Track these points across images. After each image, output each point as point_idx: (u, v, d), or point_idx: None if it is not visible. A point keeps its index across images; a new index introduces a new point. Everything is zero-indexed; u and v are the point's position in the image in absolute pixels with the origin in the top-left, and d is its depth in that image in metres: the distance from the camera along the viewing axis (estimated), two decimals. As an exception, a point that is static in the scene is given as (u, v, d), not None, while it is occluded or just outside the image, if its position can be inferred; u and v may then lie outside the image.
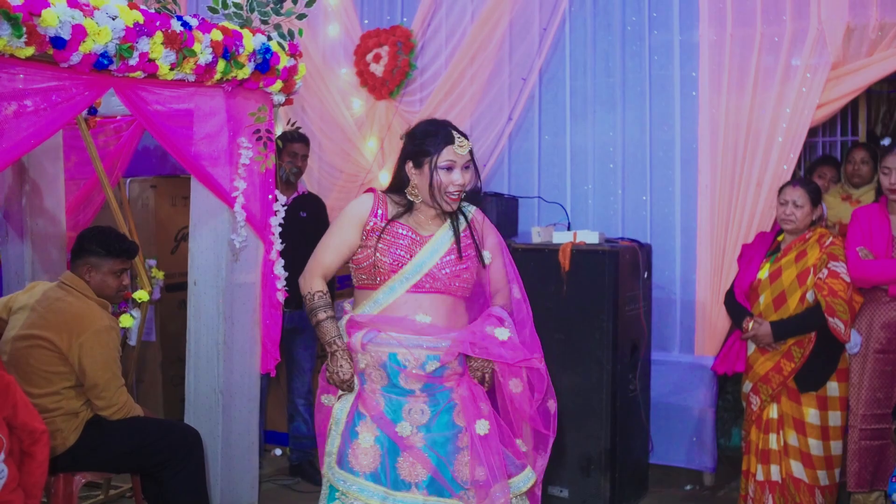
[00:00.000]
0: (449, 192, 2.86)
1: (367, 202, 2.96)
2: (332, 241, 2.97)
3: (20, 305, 3.64)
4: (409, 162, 2.92)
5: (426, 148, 2.86)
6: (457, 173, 2.86)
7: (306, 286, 2.99)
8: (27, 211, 4.39)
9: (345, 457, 2.87)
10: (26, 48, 2.82)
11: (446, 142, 2.86)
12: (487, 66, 5.64)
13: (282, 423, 5.31)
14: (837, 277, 3.96)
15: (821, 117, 4.86)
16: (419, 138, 2.90)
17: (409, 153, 2.92)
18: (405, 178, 2.94)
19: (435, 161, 2.85)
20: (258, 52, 3.76)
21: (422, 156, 2.87)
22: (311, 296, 2.96)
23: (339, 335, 2.90)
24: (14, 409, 3.01)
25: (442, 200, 2.87)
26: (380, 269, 2.87)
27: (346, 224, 2.95)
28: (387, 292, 2.87)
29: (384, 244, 2.87)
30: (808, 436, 4.06)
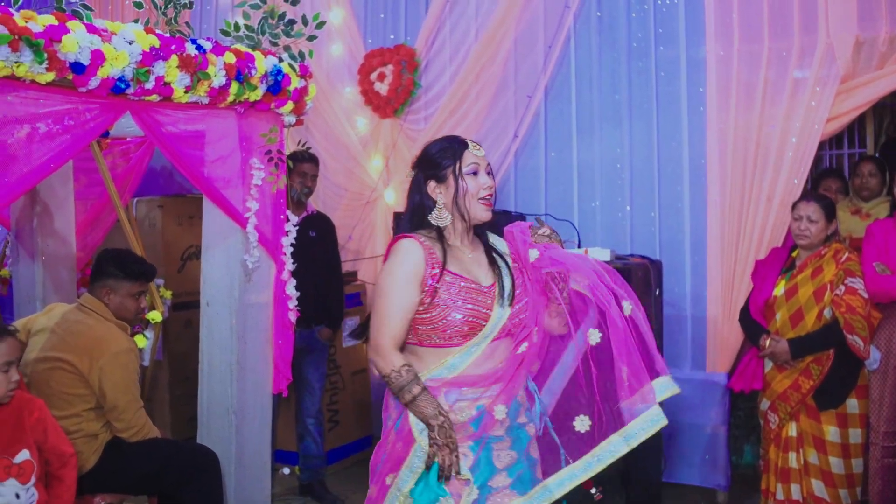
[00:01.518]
0: (481, 198, 2.69)
1: (417, 252, 2.64)
2: (395, 305, 2.62)
3: (39, 328, 3.64)
4: (430, 182, 2.74)
5: (445, 161, 2.72)
6: (483, 176, 2.71)
7: (386, 365, 2.61)
8: (38, 232, 4.39)
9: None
10: (47, 73, 2.84)
11: (462, 147, 2.73)
12: (492, 84, 5.64)
13: (291, 442, 5.29)
14: (855, 294, 3.93)
15: (831, 131, 4.84)
16: (434, 155, 2.76)
17: (428, 174, 2.75)
18: (428, 203, 2.74)
19: (459, 168, 2.70)
20: (270, 74, 3.76)
21: (443, 169, 2.72)
22: (398, 372, 2.59)
23: (439, 405, 2.58)
24: (45, 433, 3.04)
25: (475, 209, 2.70)
26: (454, 328, 2.62)
27: (404, 283, 2.62)
28: (465, 355, 2.63)
29: (451, 298, 2.62)
30: (828, 454, 4.02)
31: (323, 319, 4.98)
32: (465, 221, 2.73)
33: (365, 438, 5.86)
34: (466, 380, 2.63)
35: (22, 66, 2.74)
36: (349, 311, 5.59)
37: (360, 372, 5.83)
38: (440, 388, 2.63)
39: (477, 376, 2.63)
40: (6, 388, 2.95)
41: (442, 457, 2.55)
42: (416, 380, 2.59)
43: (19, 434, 2.99)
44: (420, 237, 2.69)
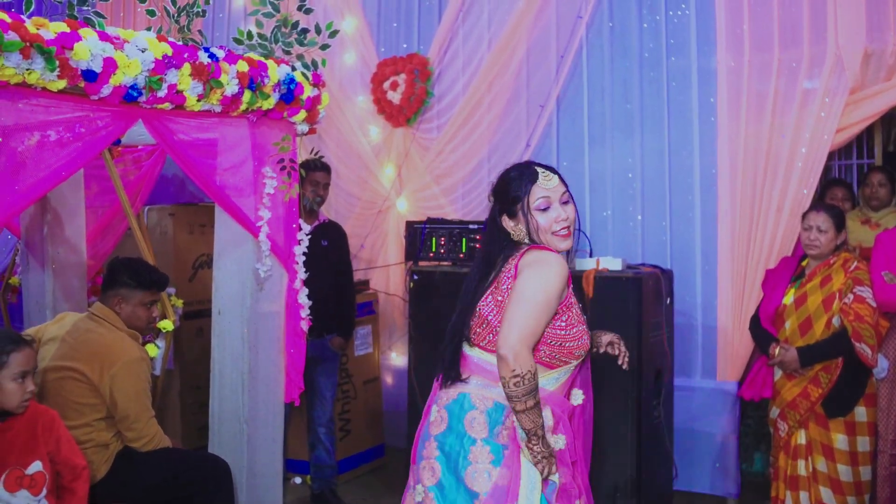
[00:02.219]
0: (555, 232, 2.59)
1: (565, 269, 2.58)
2: (541, 313, 2.52)
3: (50, 336, 3.64)
4: (503, 217, 2.65)
5: (514, 194, 2.61)
6: (557, 209, 2.59)
7: (523, 365, 2.45)
8: (48, 240, 4.40)
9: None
10: (58, 81, 2.85)
11: (532, 180, 2.60)
12: (505, 93, 5.65)
13: (302, 452, 5.28)
14: (863, 302, 3.95)
15: (840, 141, 4.86)
16: (505, 188, 2.65)
17: (500, 207, 2.66)
18: (502, 235, 2.66)
19: (527, 205, 2.59)
20: (283, 83, 3.77)
21: (512, 204, 2.61)
22: (533, 374, 2.47)
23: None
24: (58, 445, 3.03)
25: (552, 242, 2.60)
26: (566, 348, 2.59)
27: (554, 295, 2.53)
28: (565, 372, 2.63)
29: (574, 321, 2.60)
30: (837, 462, 4.04)
31: (335, 328, 4.98)
32: None
33: (377, 447, 5.85)
34: (557, 399, 2.62)
35: (33, 73, 2.75)
36: (361, 321, 5.59)
37: (372, 381, 5.82)
38: (545, 403, 2.58)
39: (563, 399, 2.65)
40: (22, 398, 2.94)
41: (543, 467, 2.51)
42: (538, 390, 2.49)
43: (32, 445, 2.98)
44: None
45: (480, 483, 2.50)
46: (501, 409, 2.56)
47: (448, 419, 2.59)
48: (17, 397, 2.92)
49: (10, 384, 2.91)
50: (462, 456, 2.54)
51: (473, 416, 2.57)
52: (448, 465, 2.56)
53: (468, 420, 2.57)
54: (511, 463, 2.52)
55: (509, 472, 2.51)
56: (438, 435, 2.60)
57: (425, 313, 4.89)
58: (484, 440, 2.54)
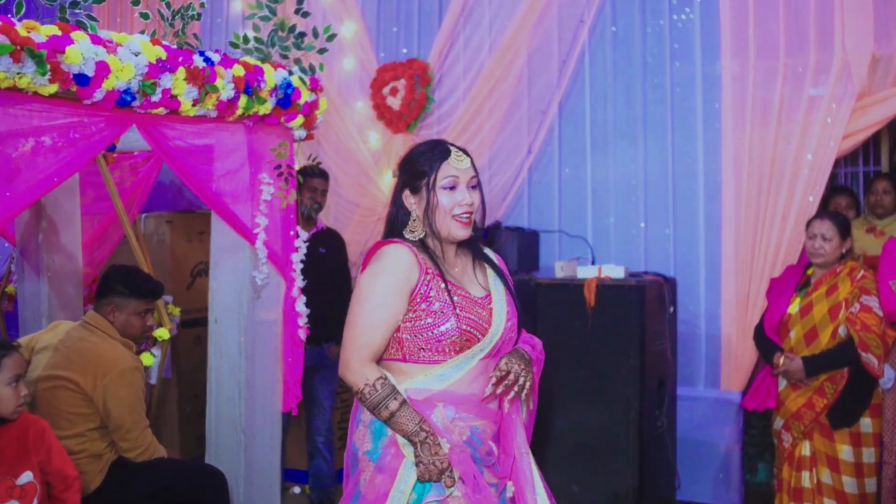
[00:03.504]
0: (456, 215, 2.44)
1: (408, 258, 2.42)
2: (378, 315, 2.40)
3: (43, 345, 3.58)
4: (405, 191, 2.49)
5: (421, 168, 2.45)
6: (461, 191, 2.45)
7: (360, 378, 2.38)
8: (44, 248, 4.34)
9: None
10: (50, 85, 2.79)
11: (442, 157, 2.44)
12: (506, 99, 5.61)
13: (300, 461, 5.22)
14: (870, 311, 3.91)
15: (846, 148, 4.82)
16: (413, 162, 2.49)
17: (405, 181, 2.50)
18: (402, 213, 2.51)
19: (433, 180, 2.43)
20: (280, 87, 3.72)
21: (418, 179, 2.46)
22: (372, 386, 2.37)
23: (423, 419, 2.37)
24: (48, 455, 3.00)
25: (450, 226, 2.45)
26: (448, 339, 2.42)
27: (391, 290, 2.40)
28: (456, 367, 2.42)
29: (445, 307, 2.41)
30: (841, 473, 3.99)
31: (333, 337, 4.92)
32: (437, 239, 2.50)
33: (375, 457, 5.78)
34: (455, 397, 2.43)
35: (24, 77, 2.69)
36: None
37: (370, 390, 5.75)
38: (434, 402, 2.42)
39: (465, 396, 2.44)
40: (16, 403, 2.92)
41: (429, 476, 2.35)
42: (395, 393, 2.38)
43: (23, 455, 2.94)
44: (407, 243, 2.48)
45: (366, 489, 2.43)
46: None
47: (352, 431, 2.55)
48: (12, 403, 2.90)
49: (6, 389, 2.89)
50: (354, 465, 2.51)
51: (360, 431, 2.49)
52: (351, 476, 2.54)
53: (358, 433, 2.50)
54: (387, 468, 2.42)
55: (385, 477, 2.41)
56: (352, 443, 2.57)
57: (425, 321, 4.83)
58: (367, 451, 2.46)
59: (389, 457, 2.42)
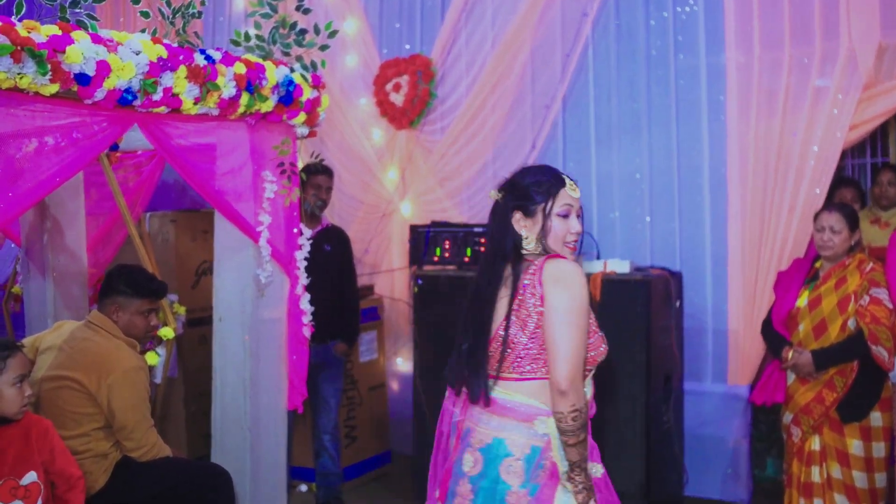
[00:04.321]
0: (567, 242, 2.59)
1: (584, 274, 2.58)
2: (584, 334, 2.49)
3: (47, 345, 3.59)
4: (516, 213, 2.60)
5: (538, 196, 2.58)
6: (574, 220, 2.60)
7: (580, 399, 2.46)
8: (48, 248, 4.34)
9: None
10: (51, 85, 2.78)
11: (559, 185, 2.59)
12: (509, 94, 5.58)
13: (307, 459, 5.22)
14: (880, 304, 3.86)
15: (853, 139, 4.77)
16: (527, 186, 2.61)
17: (517, 204, 2.60)
18: (512, 234, 2.60)
19: (550, 207, 2.57)
20: (281, 85, 3.71)
21: (534, 204, 2.58)
22: (586, 406, 2.50)
23: None
24: (52, 455, 3.00)
25: (560, 252, 2.58)
26: (597, 360, 2.59)
27: (587, 310, 2.52)
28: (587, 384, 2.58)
29: (593, 328, 2.58)
30: (852, 468, 3.95)
31: (338, 334, 4.91)
32: None
33: (383, 454, 5.79)
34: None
35: (25, 77, 2.68)
36: (366, 326, 5.53)
37: (377, 387, 5.75)
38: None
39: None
40: (20, 404, 2.92)
41: (584, 497, 2.48)
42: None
43: (27, 455, 2.94)
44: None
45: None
46: (538, 451, 2.52)
47: (483, 464, 2.55)
48: (17, 403, 2.91)
49: (10, 390, 2.89)
50: (498, 500, 2.51)
51: (510, 464, 2.53)
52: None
53: (504, 466, 2.53)
54: (543, 499, 2.49)
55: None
56: (474, 477, 2.56)
57: (430, 318, 4.84)
58: (521, 485, 2.51)
59: (546, 488, 2.50)
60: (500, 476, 2.51)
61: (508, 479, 2.51)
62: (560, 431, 2.46)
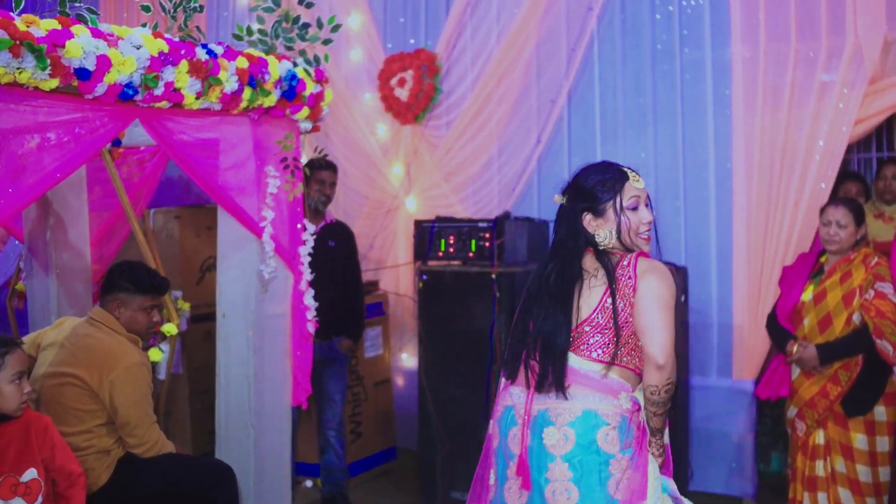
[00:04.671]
0: (641, 234, 2.63)
1: None
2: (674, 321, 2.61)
3: (49, 342, 3.57)
4: (586, 215, 2.64)
5: (604, 195, 2.62)
6: (643, 210, 2.64)
7: (674, 373, 2.60)
8: (52, 245, 4.32)
9: None
10: (50, 80, 2.77)
11: (623, 179, 2.63)
12: (515, 89, 5.56)
13: (312, 455, 5.21)
14: (885, 298, 3.85)
15: (859, 133, 4.77)
16: (592, 188, 2.64)
17: (584, 206, 2.64)
18: (585, 235, 2.65)
19: (620, 203, 2.61)
20: (284, 79, 3.70)
21: (602, 203, 2.62)
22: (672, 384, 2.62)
23: None
24: (52, 451, 2.99)
25: (636, 243, 2.64)
26: None
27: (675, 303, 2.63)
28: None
29: None
30: (856, 462, 3.96)
31: (343, 330, 4.90)
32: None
33: (388, 450, 5.78)
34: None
35: (24, 72, 2.67)
36: (371, 322, 5.52)
37: (382, 383, 5.74)
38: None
39: None
40: (19, 400, 2.91)
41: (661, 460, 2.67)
42: None
43: (27, 452, 2.93)
44: None
45: (622, 491, 2.56)
46: (626, 419, 2.60)
47: (575, 438, 2.57)
48: (16, 399, 2.90)
49: (9, 387, 2.88)
50: (602, 470, 2.56)
51: (606, 433, 2.57)
52: (586, 483, 2.56)
53: (601, 436, 2.57)
54: (639, 465, 2.59)
55: (639, 474, 2.58)
56: (566, 455, 2.57)
57: (435, 314, 4.82)
58: (621, 451, 2.57)
59: (639, 455, 2.59)
60: (600, 447, 2.56)
61: (607, 447, 2.56)
62: (650, 403, 2.59)
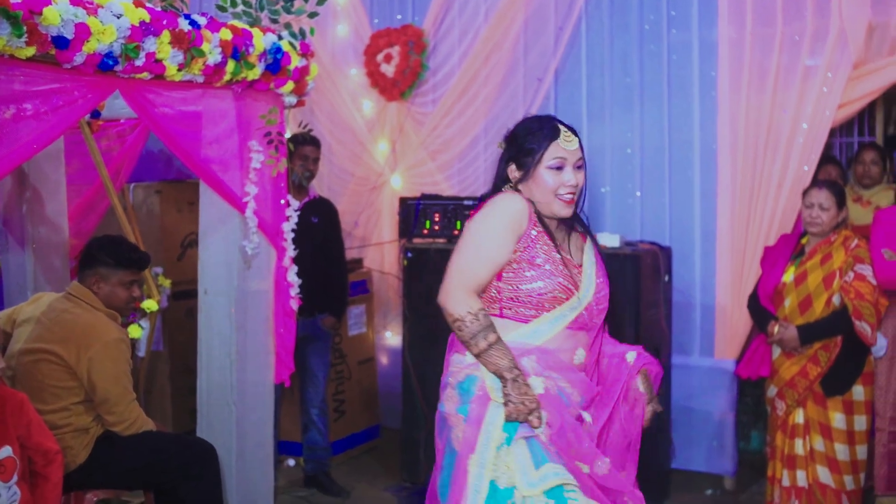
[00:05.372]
0: (560, 195, 2.51)
1: (522, 206, 2.51)
2: (486, 252, 2.48)
3: (25, 318, 3.49)
4: (511, 164, 2.57)
5: (529, 146, 2.53)
6: (568, 173, 2.51)
7: (462, 306, 2.44)
8: (28, 218, 4.26)
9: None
10: (27, 48, 2.69)
11: (551, 137, 2.52)
12: (502, 67, 5.54)
13: (295, 433, 5.20)
14: (864, 280, 3.90)
15: (842, 117, 4.78)
16: (521, 137, 2.57)
17: (511, 155, 2.57)
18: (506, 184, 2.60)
19: (540, 159, 2.51)
20: (269, 52, 3.64)
21: (525, 155, 2.53)
22: (475, 315, 2.43)
23: (514, 358, 2.43)
24: (28, 429, 2.92)
25: (552, 205, 2.52)
26: (545, 295, 2.49)
27: (503, 231, 2.48)
28: (548, 325, 2.49)
29: (545, 265, 2.49)
30: (834, 441, 4.01)
31: (327, 308, 4.88)
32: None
33: (372, 428, 5.78)
34: (546, 355, 2.47)
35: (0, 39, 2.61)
36: (355, 300, 5.50)
37: (366, 361, 5.74)
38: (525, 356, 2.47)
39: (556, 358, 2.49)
40: None
41: (517, 415, 2.39)
42: (492, 328, 2.43)
43: (1, 429, 2.85)
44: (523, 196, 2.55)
45: (458, 444, 2.51)
46: (474, 380, 2.51)
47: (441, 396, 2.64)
48: None
49: None
50: (443, 427, 2.59)
51: (448, 393, 2.58)
52: (442, 438, 2.61)
53: (447, 395, 2.59)
54: (472, 420, 2.50)
55: (472, 427, 2.49)
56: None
57: (419, 292, 4.80)
58: (457, 410, 2.54)
59: (476, 406, 2.48)
60: (444, 403, 2.59)
61: (447, 405, 2.57)
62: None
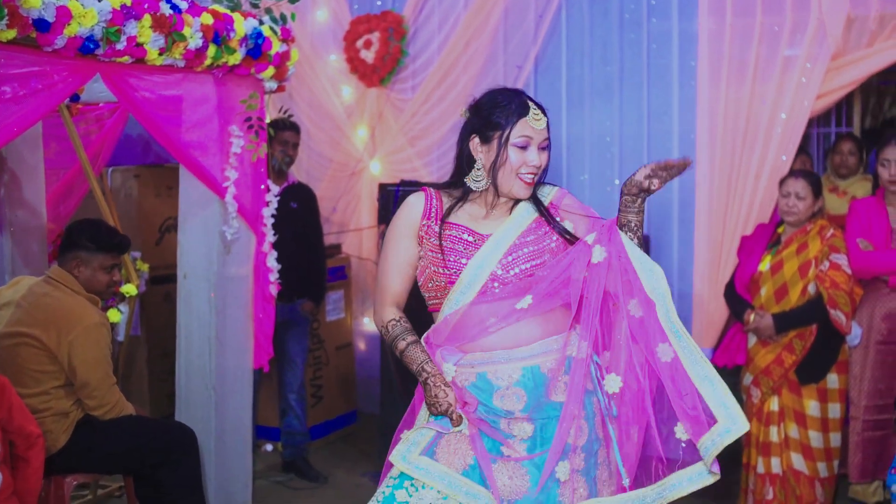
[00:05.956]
0: (521, 175, 2.40)
1: (416, 203, 2.48)
2: (391, 261, 2.49)
3: (4, 301, 3.48)
4: (474, 137, 2.43)
5: (495, 120, 2.39)
6: (533, 152, 2.40)
7: (378, 320, 2.51)
8: (6, 203, 4.22)
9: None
10: (8, 31, 2.70)
11: (520, 113, 2.38)
12: (482, 54, 5.54)
13: (273, 418, 5.21)
14: (839, 269, 3.95)
15: (820, 108, 4.83)
16: (487, 109, 2.42)
17: (475, 126, 2.43)
18: (469, 158, 2.45)
19: (507, 136, 2.38)
20: (250, 37, 3.64)
21: (490, 129, 2.40)
22: (385, 327, 2.47)
23: (426, 360, 2.39)
24: (9, 412, 2.92)
25: (512, 185, 2.41)
26: (438, 283, 2.44)
27: (399, 236, 2.48)
28: (449, 308, 2.41)
29: (442, 252, 2.42)
30: (808, 428, 4.05)
31: (305, 293, 4.88)
32: (496, 195, 2.45)
33: (349, 413, 5.79)
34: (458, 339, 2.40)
35: (-20, 22, 2.60)
36: (333, 285, 5.50)
37: (344, 346, 5.74)
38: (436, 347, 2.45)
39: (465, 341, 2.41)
40: None
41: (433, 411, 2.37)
42: (404, 334, 2.44)
43: None
44: (434, 189, 2.52)
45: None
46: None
47: None
48: None
49: None
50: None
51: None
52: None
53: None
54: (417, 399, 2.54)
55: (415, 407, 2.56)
56: None
57: (398, 278, 4.80)
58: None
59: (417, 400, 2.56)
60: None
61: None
62: None
